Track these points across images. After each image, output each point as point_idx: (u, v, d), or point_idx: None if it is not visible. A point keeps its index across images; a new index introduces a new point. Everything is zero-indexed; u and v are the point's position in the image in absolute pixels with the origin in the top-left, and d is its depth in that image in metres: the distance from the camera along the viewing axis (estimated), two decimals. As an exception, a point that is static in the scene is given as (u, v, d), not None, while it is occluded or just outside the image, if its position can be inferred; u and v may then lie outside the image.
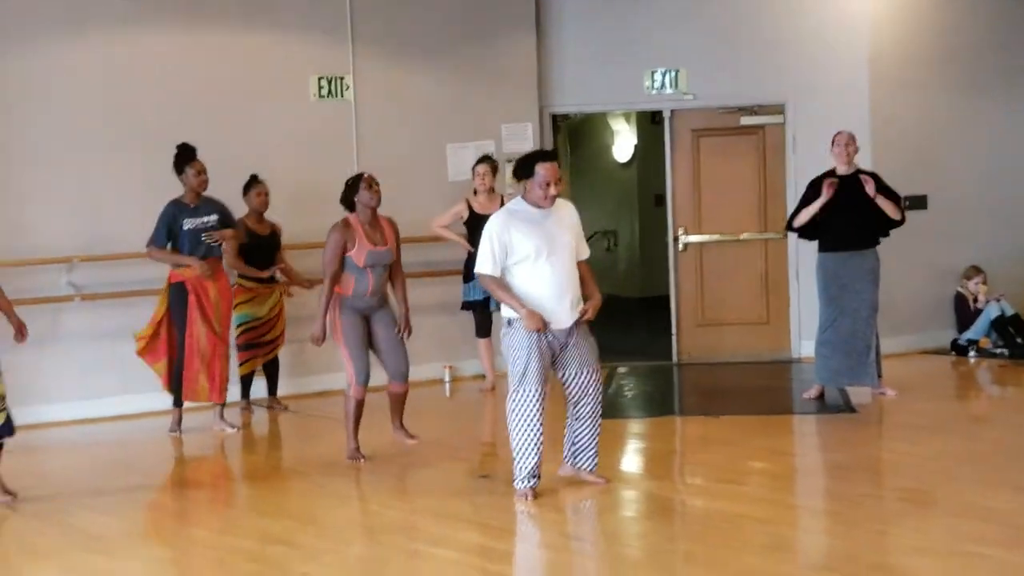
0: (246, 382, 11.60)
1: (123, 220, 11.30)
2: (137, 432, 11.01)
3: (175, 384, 10.63)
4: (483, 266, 7.86)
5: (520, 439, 7.86)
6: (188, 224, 10.41)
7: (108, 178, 11.55)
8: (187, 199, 10.49)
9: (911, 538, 6.93)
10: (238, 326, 11.38)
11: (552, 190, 7.75)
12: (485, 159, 12.26)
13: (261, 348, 11.55)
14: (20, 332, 8.67)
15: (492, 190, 12.22)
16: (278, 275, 11.53)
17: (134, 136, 11.61)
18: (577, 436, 8.14)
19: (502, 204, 12.09)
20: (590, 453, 8.16)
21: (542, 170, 7.72)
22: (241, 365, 11.50)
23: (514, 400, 7.86)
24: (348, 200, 9.18)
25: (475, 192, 12.19)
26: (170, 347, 10.67)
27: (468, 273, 12.05)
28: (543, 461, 7.96)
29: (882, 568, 6.39)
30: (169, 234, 10.45)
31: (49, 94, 11.42)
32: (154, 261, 10.68)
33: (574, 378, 8.00)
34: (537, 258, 7.79)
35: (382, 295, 9.29)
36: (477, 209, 12.05)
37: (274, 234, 11.49)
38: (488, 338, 12.21)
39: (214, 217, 10.51)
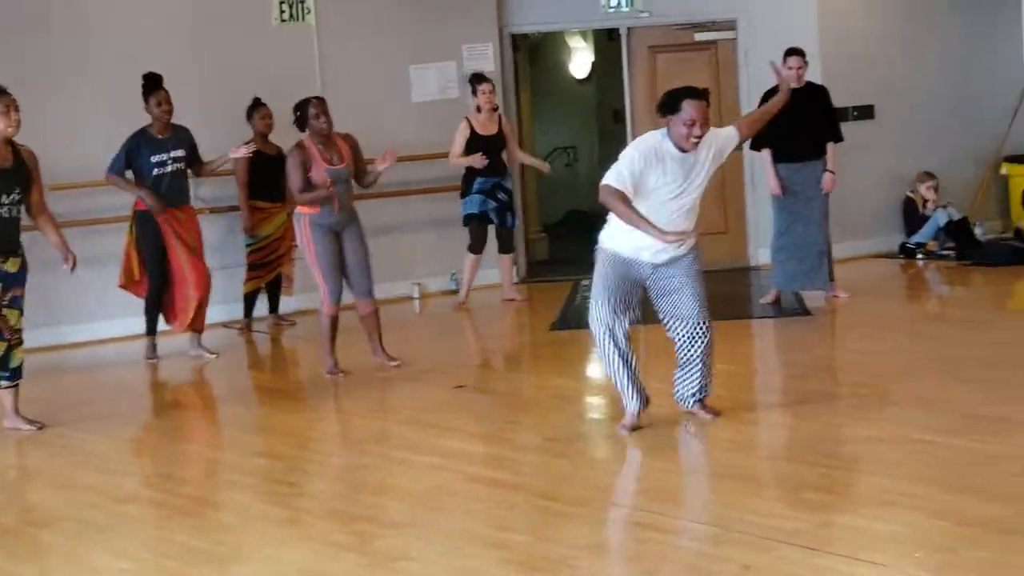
0: (249, 300, 11.71)
1: (87, 147, 11.19)
2: (116, 357, 11.14)
3: (151, 311, 10.60)
4: (612, 179, 7.16)
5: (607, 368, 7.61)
6: (155, 158, 10.25)
7: (75, 106, 11.57)
8: (154, 130, 10.34)
9: (864, 429, 7.27)
10: (247, 246, 11.53)
11: (696, 131, 7.12)
12: (483, 78, 12.15)
13: (266, 267, 11.63)
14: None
15: (495, 109, 12.21)
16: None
17: (101, 63, 11.63)
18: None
19: (500, 123, 12.16)
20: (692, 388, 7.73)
21: (689, 107, 7.09)
22: (245, 283, 11.65)
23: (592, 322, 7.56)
24: (301, 124, 9.38)
25: (477, 110, 12.07)
26: (143, 275, 10.56)
27: (466, 188, 12.17)
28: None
29: (837, 456, 6.77)
30: (129, 163, 10.29)
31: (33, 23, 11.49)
32: (115, 188, 10.55)
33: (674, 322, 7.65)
34: (661, 203, 7.27)
35: (350, 210, 9.46)
36: (479, 130, 12.01)
37: (280, 155, 11.49)
38: (479, 255, 12.26)
39: (181, 152, 10.39)
